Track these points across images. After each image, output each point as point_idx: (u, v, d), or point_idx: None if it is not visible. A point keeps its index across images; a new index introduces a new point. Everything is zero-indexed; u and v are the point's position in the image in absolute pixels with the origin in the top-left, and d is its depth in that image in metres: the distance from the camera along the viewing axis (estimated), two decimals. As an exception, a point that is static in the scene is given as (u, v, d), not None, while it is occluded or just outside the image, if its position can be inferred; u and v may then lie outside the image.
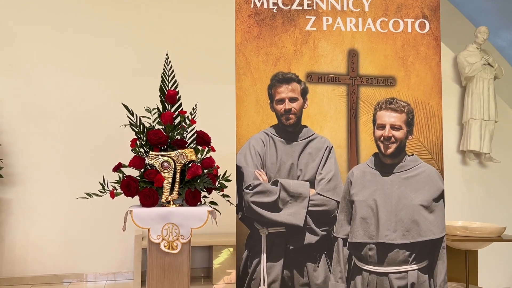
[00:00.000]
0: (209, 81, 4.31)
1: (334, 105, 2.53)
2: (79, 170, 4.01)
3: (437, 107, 2.55)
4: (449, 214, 4.19)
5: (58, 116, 4.09)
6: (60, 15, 4.14)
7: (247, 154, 2.47)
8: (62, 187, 3.99)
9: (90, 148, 4.08)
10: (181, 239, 2.09)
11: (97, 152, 4.03)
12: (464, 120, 4.77)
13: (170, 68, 2.42)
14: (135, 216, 2.08)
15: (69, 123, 4.10)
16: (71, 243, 4.02)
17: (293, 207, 2.44)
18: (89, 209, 3.97)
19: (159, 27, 4.31)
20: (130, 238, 3.97)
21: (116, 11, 4.25)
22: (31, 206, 3.99)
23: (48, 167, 4.03)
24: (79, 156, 4.07)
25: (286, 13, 2.55)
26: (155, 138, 2.21)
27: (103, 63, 4.20)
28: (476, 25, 4.84)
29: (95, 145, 4.07)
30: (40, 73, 4.08)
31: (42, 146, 4.04)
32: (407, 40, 2.55)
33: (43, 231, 3.98)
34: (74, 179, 3.96)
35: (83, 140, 4.10)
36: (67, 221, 4.02)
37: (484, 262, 3.89)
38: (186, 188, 2.24)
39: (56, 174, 4.04)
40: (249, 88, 2.49)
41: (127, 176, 2.22)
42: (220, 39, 4.23)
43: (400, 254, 2.44)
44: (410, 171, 2.49)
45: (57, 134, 4.07)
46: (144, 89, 3.96)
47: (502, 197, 4.91)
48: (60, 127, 4.08)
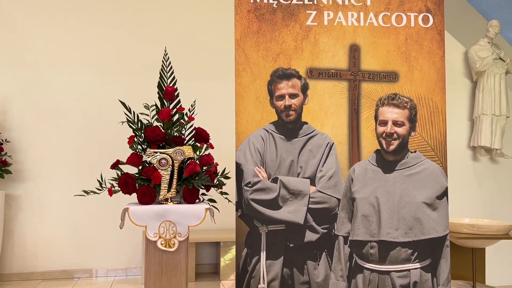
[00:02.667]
0: (208, 77, 4.28)
1: (335, 101, 2.49)
2: (87, 166, 4.04)
3: (440, 102, 2.49)
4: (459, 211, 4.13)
5: (67, 113, 4.12)
6: (69, 13, 4.17)
7: (247, 151, 2.45)
8: (71, 183, 4.02)
9: (99, 144, 4.10)
10: (178, 237, 2.09)
11: (105, 148, 4.05)
12: (475, 115, 4.68)
13: (169, 64, 2.41)
14: (132, 214, 2.07)
15: (78, 119, 4.13)
16: (80, 239, 4.06)
17: (293, 204, 2.42)
18: (98, 204, 3.99)
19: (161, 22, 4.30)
20: (139, 234, 3.99)
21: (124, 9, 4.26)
22: (40, 202, 4.03)
23: (57, 163, 4.07)
24: (88, 152, 4.10)
25: (286, 8, 2.51)
26: (153, 135, 2.20)
27: (111, 61, 4.21)
28: (488, 19, 4.73)
29: (103, 141, 4.09)
30: (49, 71, 4.11)
31: (51, 142, 4.07)
32: (410, 35, 2.50)
33: (52, 227, 4.02)
34: (83, 175, 3.99)
35: (92, 137, 4.12)
36: (76, 217, 4.06)
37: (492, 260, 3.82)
38: (184, 185, 2.23)
39: (65, 170, 4.07)
40: (248, 84, 2.47)
41: (125, 173, 2.22)
42: (219, 34, 4.21)
43: (402, 252, 2.39)
44: (412, 168, 2.45)
45: (66, 130, 4.11)
46: (153, 86, 3.96)
47: (514, 193, 4.81)
48: (69, 123, 4.11)
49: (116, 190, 2.26)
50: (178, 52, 3.90)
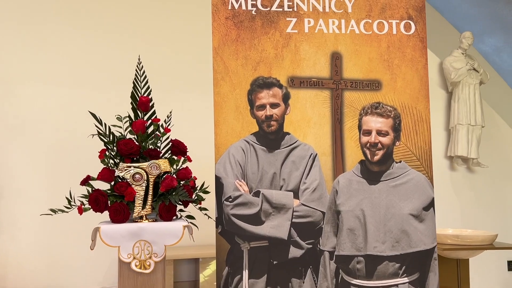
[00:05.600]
0: (185, 88, 4.14)
1: (317, 111, 2.40)
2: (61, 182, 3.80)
3: (425, 111, 2.44)
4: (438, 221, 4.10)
5: (39, 127, 3.91)
6: (40, 24, 3.98)
7: (227, 163, 2.32)
8: (43, 200, 3.77)
9: (72, 160, 3.89)
10: (154, 258, 1.93)
11: (79, 163, 3.82)
12: (451, 125, 4.71)
13: (143, 73, 2.28)
14: (103, 233, 1.91)
15: (51, 134, 3.92)
16: (53, 258, 3.82)
17: (276, 219, 2.30)
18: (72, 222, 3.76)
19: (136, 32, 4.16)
20: (115, 251, 3.79)
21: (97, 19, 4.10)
22: (11, 220, 3.78)
23: (28, 179, 3.83)
24: (61, 168, 3.88)
25: (266, 15, 2.43)
26: (126, 148, 2.06)
27: (85, 72, 4.03)
28: (460, 30, 4.81)
29: (77, 156, 3.87)
30: (19, 83, 3.91)
31: (22, 158, 3.84)
32: (392, 42, 2.45)
33: (24, 246, 3.77)
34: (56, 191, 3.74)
35: (65, 151, 3.91)
36: (49, 235, 3.81)
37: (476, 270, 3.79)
38: (160, 201, 2.09)
39: (37, 186, 3.84)
40: (227, 94, 2.36)
41: (96, 190, 2.06)
42: (196, 43, 4.09)
43: (389, 266, 2.30)
44: (398, 179, 2.37)
45: (37, 145, 3.88)
46: (128, 98, 3.83)
47: (491, 202, 4.84)
48: (41, 138, 3.90)
49: (87, 208, 2.09)
50: (154, 62, 3.77)
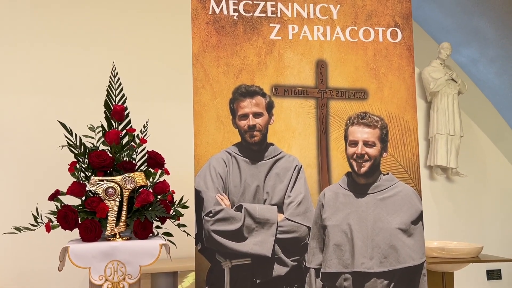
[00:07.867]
0: (163, 95, 3.98)
1: (302, 121, 2.30)
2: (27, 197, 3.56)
3: (412, 121, 2.37)
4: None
5: (9, 137, 3.67)
6: (11, 30, 3.76)
7: (207, 176, 2.19)
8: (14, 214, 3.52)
9: (40, 173, 3.66)
10: (128, 279, 1.78)
11: (52, 175, 3.60)
12: (431, 135, 4.71)
13: (117, 80, 2.13)
14: (72, 253, 1.74)
15: (17, 144, 3.67)
16: (24, 276, 3.56)
17: (260, 235, 2.18)
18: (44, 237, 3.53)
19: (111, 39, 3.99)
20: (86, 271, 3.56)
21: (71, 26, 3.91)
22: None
23: (-2, 192, 3.59)
24: (32, 181, 3.64)
25: (248, 21, 2.32)
26: (98, 160, 1.90)
27: (58, 80, 3.81)
28: (438, 41, 4.84)
29: (46, 170, 3.65)
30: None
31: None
32: (378, 50, 2.37)
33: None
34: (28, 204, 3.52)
35: (37, 164, 3.67)
36: (20, 251, 3.56)
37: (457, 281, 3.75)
38: (135, 218, 1.93)
39: (7, 199, 3.59)
40: (208, 103, 2.23)
41: (65, 205, 1.89)
42: (175, 48, 3.94)
43: (378, 283, 2.21)
44: (386, 192, 2.29)
45: (7, 157, 3.64)
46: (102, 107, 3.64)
47: (470, 211, 4.85)
48: (11, 149, 3.65)
49: (55, 226, 1.92)
50: (130, 69, 3.60)
